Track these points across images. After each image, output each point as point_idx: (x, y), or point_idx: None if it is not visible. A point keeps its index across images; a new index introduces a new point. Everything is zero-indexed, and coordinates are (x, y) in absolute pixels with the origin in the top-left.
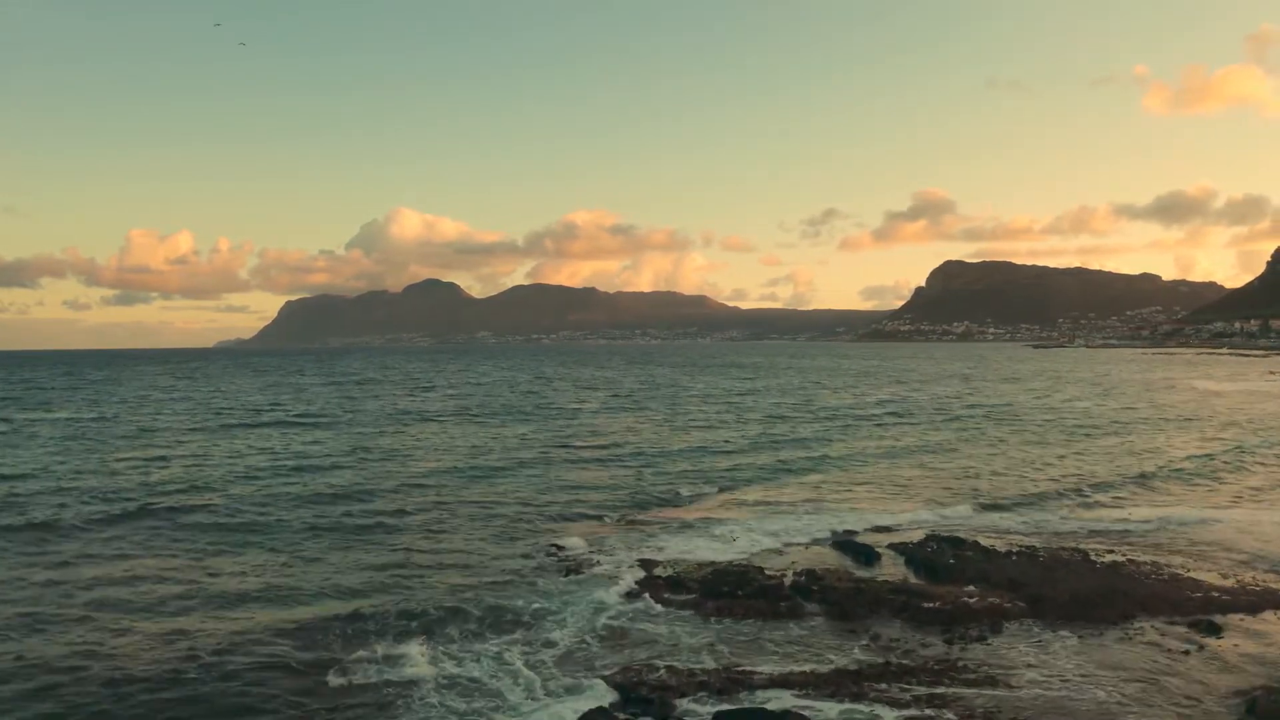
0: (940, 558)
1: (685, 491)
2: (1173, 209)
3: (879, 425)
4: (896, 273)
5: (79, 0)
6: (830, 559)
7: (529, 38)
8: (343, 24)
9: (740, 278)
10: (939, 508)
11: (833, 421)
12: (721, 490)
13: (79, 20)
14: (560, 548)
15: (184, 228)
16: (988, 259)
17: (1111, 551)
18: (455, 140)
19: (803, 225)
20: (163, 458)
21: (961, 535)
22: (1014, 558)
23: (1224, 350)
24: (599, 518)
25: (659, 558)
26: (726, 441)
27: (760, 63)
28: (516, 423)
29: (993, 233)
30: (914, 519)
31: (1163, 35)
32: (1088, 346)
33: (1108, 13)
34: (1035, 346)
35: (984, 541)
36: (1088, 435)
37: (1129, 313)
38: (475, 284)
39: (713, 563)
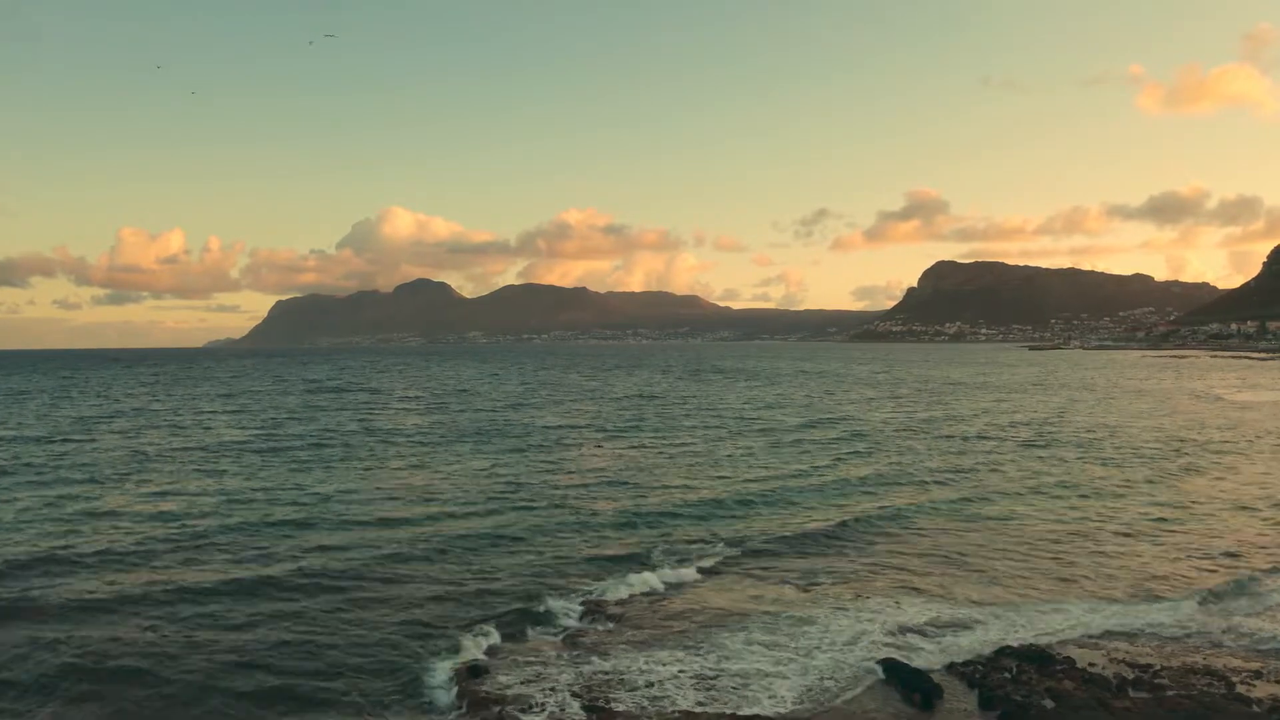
0: (1029, 698)
1: (677, 570)
2: (1166, 209)
3: (930, 455)
4: (888, 273)
5: (72, 1)
6: (874, 699)
7: (522, 38)
8: (336, 23)
9: (732, 278)
10: (1020, 596)
11: (876, 450)
12: (729, 565)
13: (72, 20)
14: (482, 675)
15: (175, 227)
16: (980, 259)
17: (1259, 676)
18: (448, 140)
19: (795, 225)
20: (48, 503)
21: (1045, 644)
22: (1131, 693)
23: (1225, 353)
24: (552, 614)
25: (621, 699)
26: (742, 484)
27: (753, 62)
28: (485, 451)
29: (985, 233)
30: (990, 616)
31: (1158, 34)
32: (1083, 348)
33: (1102, 11)
34: (1031, 348)
35: (1078, 658)
36: (1173, 468)
37: (1121, 314)
38: (466, 284)
39: (700, 714)
